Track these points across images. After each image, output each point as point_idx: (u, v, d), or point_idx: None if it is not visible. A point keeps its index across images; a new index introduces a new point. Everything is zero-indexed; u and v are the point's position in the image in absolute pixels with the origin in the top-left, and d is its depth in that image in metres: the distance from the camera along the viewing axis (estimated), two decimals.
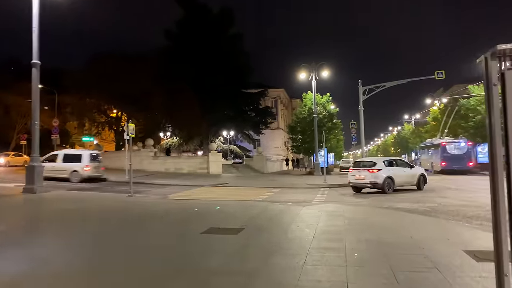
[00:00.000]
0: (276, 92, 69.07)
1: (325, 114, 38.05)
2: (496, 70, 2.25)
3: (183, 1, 37.78)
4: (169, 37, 37.85)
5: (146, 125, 40.84)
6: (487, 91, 2.29)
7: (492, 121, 2.25)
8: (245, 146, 51.62)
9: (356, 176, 17.97)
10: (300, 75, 34.03)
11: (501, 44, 2.18)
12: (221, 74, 35.27)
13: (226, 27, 38.49)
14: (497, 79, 2.24)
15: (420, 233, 7.63)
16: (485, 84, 2.32)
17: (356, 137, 33.68)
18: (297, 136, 40.21)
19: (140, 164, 31.28)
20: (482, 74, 2.34)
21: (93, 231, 8.11)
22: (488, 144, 2.35)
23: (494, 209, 2.33)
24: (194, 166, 32.53)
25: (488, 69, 2.26)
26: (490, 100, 2.27)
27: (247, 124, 42.00)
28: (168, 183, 22.52)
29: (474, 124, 37.14)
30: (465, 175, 33.04)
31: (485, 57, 2.28)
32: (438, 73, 26.73)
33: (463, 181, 25.42)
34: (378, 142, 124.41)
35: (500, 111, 2.25)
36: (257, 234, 7.64)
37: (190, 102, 32.80)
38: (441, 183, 22.76)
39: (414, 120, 73.53)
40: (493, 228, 2.39)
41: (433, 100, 57.80)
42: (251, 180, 26.59)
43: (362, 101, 27.42)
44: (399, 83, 28.62)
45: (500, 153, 2.26)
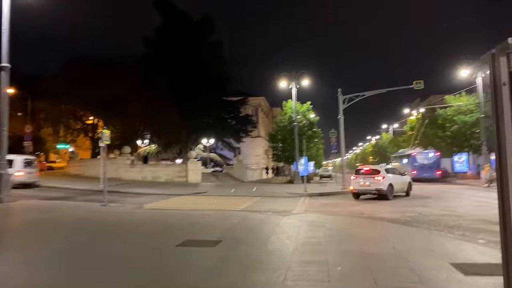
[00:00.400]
0: (257, 100, 68.98)
1: (305, 123, 38.05)
2: (506, 67, 1.98)
3: (163, 9, 37.32)
4: (148, 44, 37.27)
5: (123, 132, 39.93)
6: (495, 91, 2.02)
7: (501, 126, 1.98)
8: (225, 154, 51.10)
9: (361, 183, 18.73)
10: (281, 84, 34.00)
11: None
12: (201, 82, 34.88)
13: (206, 35, 38.18)
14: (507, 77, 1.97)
15: (403, 244, 7.43)
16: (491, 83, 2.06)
17: (336, 145, 33.68)
18: (278, 144, 40.04)
19: (116, 172, 30.49)
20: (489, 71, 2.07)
21: (62, 244, 7.60)
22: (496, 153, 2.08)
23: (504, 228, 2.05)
24: (172, 174, 31.90)
25: (496, 66, 1.99)
26: (499, 102, 2.00)
27: (227, 132, 41.64)
28: (144, 192, 21.89)
29: (451, 133, 37.76)
30: (435, 183, 33.92)
31: (492, 53, 2.02)
32: (417, 83, 26.96)
33: (438, 190, 25.69)
34: (357, 151, 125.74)
35: None
36: (236, 247, 7.29)
37: (169, 109, 32.21)
38: (419, 192, 22.87)
39: (392, 130, 74.56)
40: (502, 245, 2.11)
41: (410, 110, 58.91)
42: (230, 189, 26.14)
43: (342, 110, 27.41)
44: (378, 92, 28.74)
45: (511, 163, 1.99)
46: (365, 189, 18.72)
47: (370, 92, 28.21)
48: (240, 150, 53.41)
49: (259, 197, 19.88)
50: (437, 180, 36.93)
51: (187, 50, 35.12)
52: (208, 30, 38.19)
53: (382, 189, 18.15)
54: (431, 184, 32.71)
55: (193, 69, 34.99)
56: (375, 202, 17.64)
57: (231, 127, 41.41)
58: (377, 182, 18.34)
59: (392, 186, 18.66)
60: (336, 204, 17.07)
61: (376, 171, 19.24)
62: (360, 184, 18.79)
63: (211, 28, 38.64)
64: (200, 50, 36.19)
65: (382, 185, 18.22)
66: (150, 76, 33.33)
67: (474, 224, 10.43)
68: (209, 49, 37.53)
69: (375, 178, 18.47)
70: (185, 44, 35.31)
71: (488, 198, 18.75)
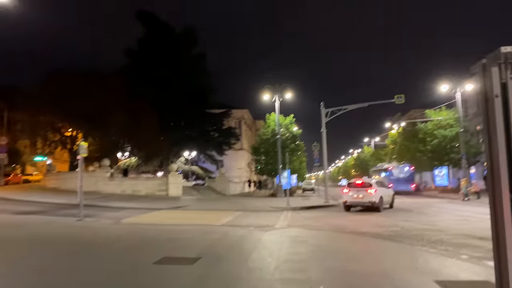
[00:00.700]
0: (240, 113, 68.98)
1: (288, 136, 38.14)
2: (498, 78, 1.86)
3: (145, 20, 37.16)
4: (130, 55, 36.93)
5: (103, 145, 39.16)
6: (485, 104, 1.90)
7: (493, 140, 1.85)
8: (207, 167, 50.66)
9: (354, 196, 19.43)
10: (264, 96, 33.98)
11: (506, 46, 1.78)
12: (183, 94, 34.68)
13: (189, 47, 38.12)
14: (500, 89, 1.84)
15: (387, 260, 7.30)
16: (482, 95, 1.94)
17: (319, 159, 33.73)
18: (261, 157, 39.98)
19: (95, 185, 29.83)
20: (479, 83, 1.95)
21: (29, 262, 7.20)
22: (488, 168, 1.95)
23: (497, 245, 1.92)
24: (153, 188, 31.35)
25: (487, 77, 1.87)
26: (490, 115, 1.87)
27: (210, 145, 41.34)
28: (123, 206, 21.33)
29: (431, 147, 38.30)
30: (414, 196, 34.58)
31: (483, 63, 1.90)
32: (398, 97, 27.35)
33: (419, 203, 25.89)
34: (339, 164, 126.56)
35: None
36: (216, 264, 7.03)
37: (150, 121, 31.77)
38: (400, 205, 23.01)
39: (373, 143, 75.36)
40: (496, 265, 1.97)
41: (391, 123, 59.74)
42: (212, 203, 25.81)
43: (325, 123, 27.54)
44: (360, 106, 29.04)
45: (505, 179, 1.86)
46: (358, 202, 19.40)
47: (352, 106, 28.48)
48: (222, 163, 53.11)
49: (241, 211, 19.59)
50: (412, 193, 37.93)
51: (169, 62, 34.96)
52: (191, 42, 38.16)
53: (374, 201, 18.92)
54: (412, 197, 33.09)
55: (176, 81, 34.80)
56: (358, 215, 17.64)
57: (214, 140, 41.18)
58: (370, 195, 19.09)
59: (382, 198, 19.59)
60: (318, 218, 16.93)
61: (368, 184, 20.00)
62: (354, 197, 19.42)
63: (194, 40, 38.63)
64: (182, 62, 36.07)
65: (375, 198, 19.01)
66: (131, 88, 32.92)
67: (456, 238, 10.41)
68: (192, 61, 37.44)
69: (368, 191, 19.21)
70: (167, 56, 35.18)
71: (469, 211, 18.95)
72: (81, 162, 15.62)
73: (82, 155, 14.98)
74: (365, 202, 19.13)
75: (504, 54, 1.82)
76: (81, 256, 7.89)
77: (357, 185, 20.07)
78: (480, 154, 36.32)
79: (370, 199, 19.01)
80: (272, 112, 38.29)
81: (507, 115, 1.83)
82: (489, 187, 1.99)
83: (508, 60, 1.83)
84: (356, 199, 19.42)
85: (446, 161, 38.47)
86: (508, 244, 1.93)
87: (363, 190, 19.39)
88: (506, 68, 1.85)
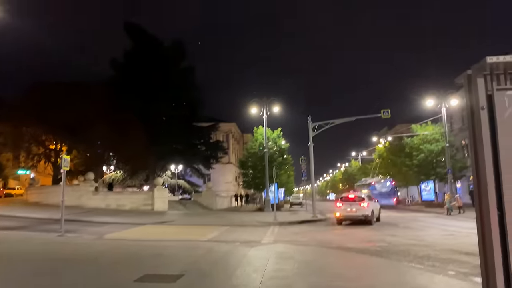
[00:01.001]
0: (228, 126, 68.96)
1: (276, 149, 38.13)
2: (484, 90, 1.78)
3: (133, 32, 37.14)
4: (116, 66, 36.72)
5: (88, 158, 38.72)
6: (472, 117, 1.82)
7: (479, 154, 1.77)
8: (194, 181, 50.25)
9: (347, 210, 19.76)
10: (252, 110, 33.94)
11: (492, 56, 1.71)
12: (170, 107, 34.62)
13: (177, 60, 38.15)
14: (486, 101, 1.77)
15: (373, 277, 7.19)
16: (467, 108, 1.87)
17: (306, 173, 33.73)
18: (248, 171, 39.83)
19: (79, 200, 29.26)
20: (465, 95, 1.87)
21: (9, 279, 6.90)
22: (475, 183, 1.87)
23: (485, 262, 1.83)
24: (138, 202, 30.86)
25: (473, 89, 1.80)
26: (476, 129, 1.79)
27: (197, 158, 41.13)
28: (107, 221, 20.88)
29: (418, 162, 38.58)
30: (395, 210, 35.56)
31: (468, 74, 1.82)
32: (384, 111, 27.59)
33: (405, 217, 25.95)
34: (327, 178, 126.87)
35: None
36: (199, 281, 6.83)
37: (136, 135, 31.47)
38: (387, 219, 23.05)
39: (360, 157, 75.82)
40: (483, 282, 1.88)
41: (378, 138, 60.34)
42: (198, 218, 25.47)
43: (312, 137, 27.59)
44: (347, 120, 29.23)
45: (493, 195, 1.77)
46: (351, 215, 19.75)
47: (339, 120, 28.62)
48: (209, 177, 52.78)
49: (228, 226, 19.34)
50: (394, 207, 38.44)
51: (157, 75, 34.88)
52: (179, 55, 38.21)
53: (367, 215, 19.43)
54: (398, 212, 33.22)
55: (163, 94, 34.70)
56: (346, 230, 17.58)
57: (201, 153, 41.02)
58: (363, 208, 19.58)
59: (373, 212, 20.23)
60: (306, 233, 16.78)
61: (361, 198, 20.60)
62: (347, 211, 19.76)
63: (182, 54, 38.70)
64: (170, 75, 36.03)
65: (367, 211, 19.54)
66: (118, 100, 32.71)
67: (443, 254, 10.36)
68: (179, 74, 37.46)
69: (361, 205, 19.69)
70: (155, 69, 35.10)
71: (455, 226, 19.01)
72: (64, 175, 15.29)
73: (64, 168, 14.66)
74: (359, 215, 19.48)
75: (490, 64, 1.73)
76: (61, 273, 7.61)
77: (350, 199, 20.56)
78: (466, 169, 36.74)
79: (363, 213, 19.43)
80: (259, 126, 38.32)
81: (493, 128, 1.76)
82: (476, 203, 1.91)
83: (494, 71, 1.76)
84: (349, 213, 19.74)
85: (433, 175, 38.79)
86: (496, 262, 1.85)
87: (356, 204, 19.80)
88: (492, 80, 1.77)
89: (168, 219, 23.28)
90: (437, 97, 33.78)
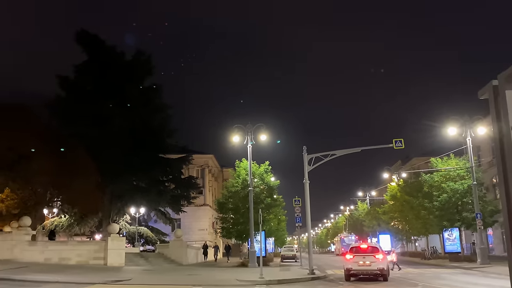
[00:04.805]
0: (204, 159, 68.85)
1: (263, 188, 37.80)
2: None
3: (86, 43, 36.91)
4: (64, 86, 36.34)
5: (25, 199, 37.91)
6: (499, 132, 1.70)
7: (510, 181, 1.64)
8: (159, 228, 49.56)
9: (360, 263, 20.01)
10: (234, 138, 33.77)
11: None
12: (131, 134, 34.35)
13: (141, 77, 38.26)
14: None
15: None
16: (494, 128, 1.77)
17: (301, 217, 33.50)
18: (228, 215, 39.21)
19: (11, 252, 28.52)
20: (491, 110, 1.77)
21: None
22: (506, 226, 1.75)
23: None
24: (87, 255, 30.11)
25: (500, 103, 1.70)
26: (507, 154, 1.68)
27: (163, 199, 40.51)
28: (46, 279, 20.26)
29: (439, 204, 38.30)
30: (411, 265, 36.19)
31: (493, 85, 1.73)
32: (397, 141, 27.71)
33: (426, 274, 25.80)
34: (328, 225, 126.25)
35: None
36: None
37: (86, 169, 31.13)
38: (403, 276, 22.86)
39: (369, 198, 75.97)
40: None
41: (390, 174, 60.56)
42: (163, 275, 24.99)
43: (308, 173, 27.49)
44: (351, 151, 29.23)
45: None
46: (365, 269, 20.17)
47: (341, 151, 28.60)
48: (180, 223, 52.13)
49: (200, 286, 18.95)
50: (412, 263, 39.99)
51: (114, 94, 34.87)
52: (143, 71, 38.31)
53: (383, 268, 19.95)
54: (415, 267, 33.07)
55: (121, 118, 34.55)
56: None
57: (169, 192, 40.59)
58: (378, 261, 20.04)
59: (388, 265, 21.28)
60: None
61: (375, 248, 21.46)
62: (359, 264, 20.05)
63: (148, 69, 38.82)
64: (132, 95, 36.00)
65: (383, 264, 20.09)
66: (65, 126, 32.51)
67: None
68: (144, 94, 37.48)
69: (376, 257, 20.16)
70: (112, 87, 35.03)
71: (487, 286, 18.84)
72: None
73: None
74: (374, 269, 19.93)
75: None
76: None
77: (363, 250, 21.06)
78: (498, 213, 36.62)
79: (379, 266, 19.85)
80: (243, 159, 38.12)
81: None
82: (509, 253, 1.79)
83: None
84: (362, 266, 20.07)
85: (458, 221, 38.65)
86: None
87: (370, 256, 20.17)
88: None
89: (124, 276, 22.76)
90: (461, 124, 33.90)
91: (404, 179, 52.18)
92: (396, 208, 49.84)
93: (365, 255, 20.44)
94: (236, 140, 33.85)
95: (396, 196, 49.69)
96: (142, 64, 38.31)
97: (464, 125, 33.60)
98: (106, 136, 33.52)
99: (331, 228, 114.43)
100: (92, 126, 33.50)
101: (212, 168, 75.16)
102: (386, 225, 56.79)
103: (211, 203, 68.37)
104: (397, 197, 49.01)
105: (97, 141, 32.98)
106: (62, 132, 31.69)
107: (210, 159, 72.89)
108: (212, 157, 73.36)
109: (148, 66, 38.87)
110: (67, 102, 35.23)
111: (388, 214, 53.01)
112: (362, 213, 74.85)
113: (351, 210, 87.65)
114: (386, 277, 20.25)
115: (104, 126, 33.84)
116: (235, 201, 38.13)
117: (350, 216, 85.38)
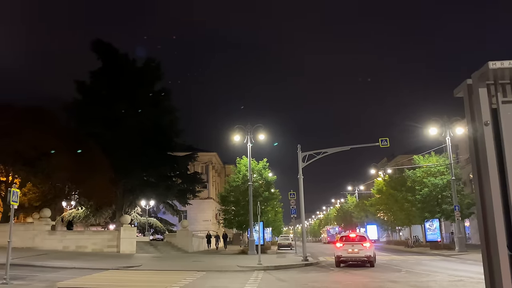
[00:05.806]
0: (208, 157, 68.72)
1: (261, 182, 37.81)
2: (487, 102, 1.63)
3: (101, 52, 37.01)
4: (82, 90, 36.44)
5: (45, 192, 37.77)
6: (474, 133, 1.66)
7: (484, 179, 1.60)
8: (167, 219, 49.48)
9: (349, 251, 20.49)
10: (235, 138, 33.81)
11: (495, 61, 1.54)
12: (142, 134, 34.30)
13: (151, 82, 38.21)
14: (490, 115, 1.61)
15: None
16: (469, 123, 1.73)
17: (296, 209, 33.44)
18: (230, 207, 39.23)
19: (32, 240, 28.47)
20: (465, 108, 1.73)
21: None
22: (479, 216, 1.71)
23: None
24: (101, 243, 30.08)
25: (474, 102, 1.65)
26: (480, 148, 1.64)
27: (171, 193, 40.50)
28: (63, 265, 20.18)
29: (421, 197, 38.45)
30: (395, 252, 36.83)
31: (467, 84, 1.68)
32: (382, 140, 27.72)
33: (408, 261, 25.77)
34: (320, 216, 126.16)
35: None
36: None
37: (101, 165, 30.98)
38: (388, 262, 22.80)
39: (357, 192, 75.90)
40: None
41: (377, 170, 60.68)
42: (171, 262, 24.90)
43: (302, 169, 27.46)
44: (342, 149, 29.23)
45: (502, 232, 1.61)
46: (353, 256, 20.55)
47: (332, 149, 28.58)
48: (186, 214, 52.00)
49: (204, 271, 18.82)
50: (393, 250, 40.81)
51: (126, 98, 34.81)
52: (153, 77, 38.31)
53: (370, 255, 20.28)
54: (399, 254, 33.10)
55: (133, 119, 34.50)
56: (341, 275, 17.26)
57: (176, 187, 40.55)
58: (365, 249, 20.37)
59: (375, 252, 21.33)
60: (294, 279, 16.41)
61: (362, 237, 21.71)
62: (348, 252, 20.49)
63: (158, 75, 38.82)
64: (143, 98, 35.99)
65: (370, 252, 20.38)
66: (82, 127, 32.47)
67: None
68: (154, 98, 37.42)
69: (364, 245, 20.52)
70: (125, 91, 35.04)
71: (464, 271, 18.83)
72: (12, 211, 14.84)
73: (13, 203, 14.18)
74: (361, 256, 20.29)
75: (493, 71, 1.58)
76: None
77: (351, 239, 21.30)
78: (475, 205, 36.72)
79: (366, 253, 20.19)
80: (243, 156, 38.08)
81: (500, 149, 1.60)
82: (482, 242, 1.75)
83: (499, 79, 1.62)
84: (351, 254, 20.45)
85: (438, 212, 38.72)
86: None
87: (358, 244, 20.52)
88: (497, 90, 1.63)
89: (135, 263, 22.69)
90: (441, 125, 34.09)
91: (389, 174, 52.25)
92: (382, 201, 49.89)
93: (354, 243, 20.70)
94: (237, 139, 33.88)
95: (382, 190, 49.71)
96: (152, 70, 38.31)
97: (444, 126, 33.90)
98: (119, 136, 33.55)
99: (323, 219, 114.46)
100: (107, 127, 33.66)
101: (216, 164, 75.11)
102: (373, 216, 57.23)
103: (214, 196, 68.29)
104: (383, 191, 49.01)
105: (111, 140, 33.03)
106: (79, 132, 31.59)
107: (214, 157, 72.83)
108: (215, 155, 73.30)
109: (158, 72, 38.85)
110: (84, 105, 35.31)
111: (375, 206, 53.15)
112: (351, 206, 74.82)
113: (341, 203, 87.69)
114: (373, 264, 20.45)
115: (117, 127, 33.89)
116: (236, 195, 38.16)
117: (340, 208, 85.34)
